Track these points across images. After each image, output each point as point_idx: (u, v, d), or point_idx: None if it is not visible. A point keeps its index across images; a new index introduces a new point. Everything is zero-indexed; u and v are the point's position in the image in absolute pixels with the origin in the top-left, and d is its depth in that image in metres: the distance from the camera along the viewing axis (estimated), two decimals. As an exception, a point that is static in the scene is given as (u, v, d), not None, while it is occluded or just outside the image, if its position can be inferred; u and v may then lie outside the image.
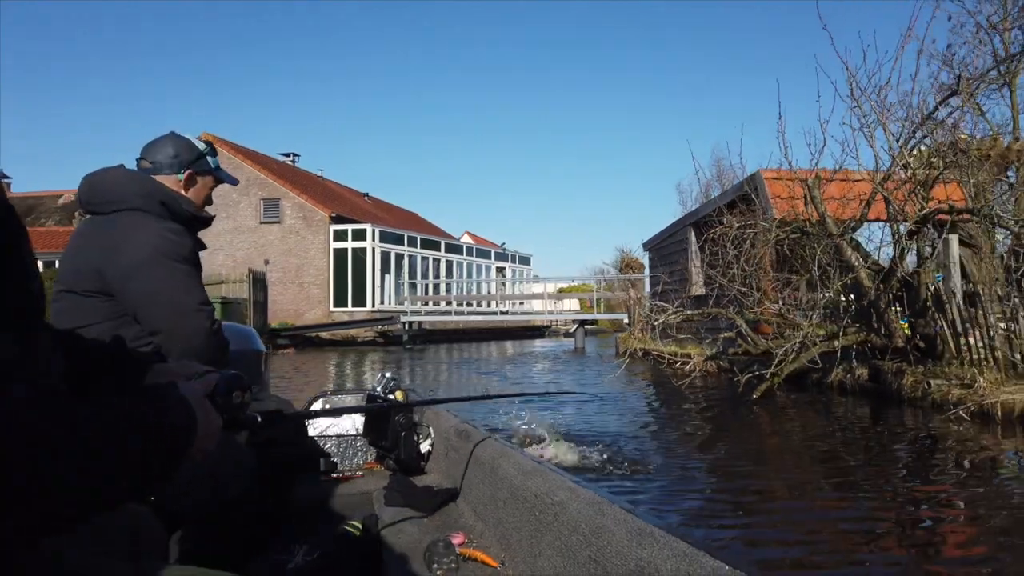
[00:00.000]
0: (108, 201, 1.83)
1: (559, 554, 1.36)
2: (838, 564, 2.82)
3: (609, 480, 4.05)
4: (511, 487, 1.69)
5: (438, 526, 1.90)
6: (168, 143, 1.97)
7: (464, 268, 32.13)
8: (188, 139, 2.02)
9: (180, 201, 1.91)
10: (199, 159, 1.99)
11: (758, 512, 3.62)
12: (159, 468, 0.73)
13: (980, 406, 5.86)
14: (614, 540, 1.18)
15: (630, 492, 3.79)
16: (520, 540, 1.58)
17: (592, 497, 1.37)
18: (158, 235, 1.78)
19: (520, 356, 18.63)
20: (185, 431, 0.78)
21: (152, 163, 1.94)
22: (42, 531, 0.62)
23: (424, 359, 17.24)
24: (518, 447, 2.15)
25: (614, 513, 1.26)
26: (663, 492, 3.87)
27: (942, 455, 4.96)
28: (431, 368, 14.84)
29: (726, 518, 3.47)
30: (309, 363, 16.06)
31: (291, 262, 25.65)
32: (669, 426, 6.60)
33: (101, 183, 1.85)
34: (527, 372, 13.32)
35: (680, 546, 1.06)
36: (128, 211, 1.81)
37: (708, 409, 7.50)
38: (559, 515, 1.40)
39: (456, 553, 1.60)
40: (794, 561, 2.87)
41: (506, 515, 1.69)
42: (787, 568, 2.79)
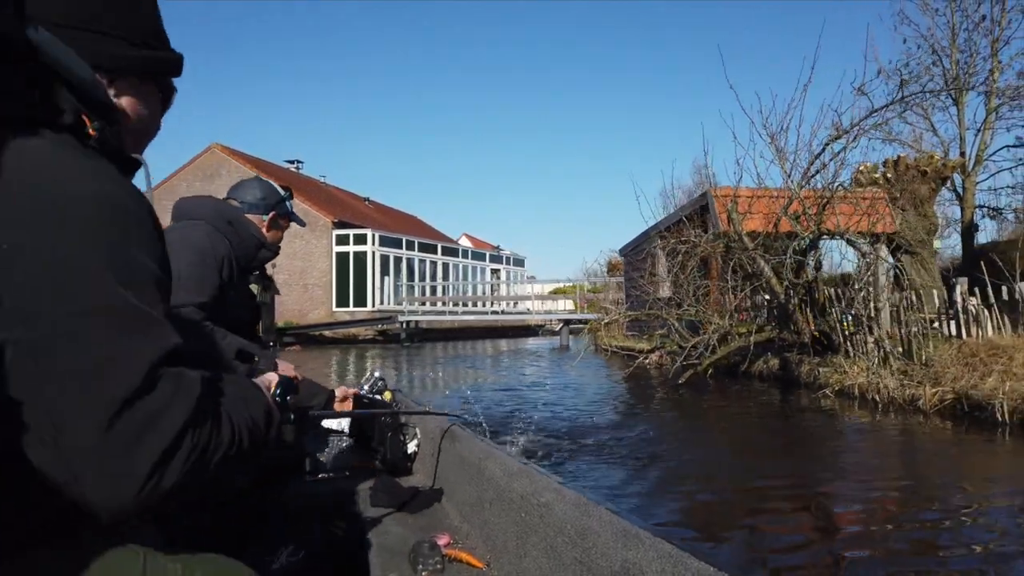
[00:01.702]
0: (184, 215, 2.03)
1: (545, 555, 1.36)
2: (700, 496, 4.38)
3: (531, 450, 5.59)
4: (497, 488, 1.69)
5: (423, 527, 1.87)
6: (256, 186, 2.16)
7: (460, 270, 33.72)
8: (271, 183, 2.21)
9: (249, 226, 2.07)
10: (280, 203, 2.16)
11: (652, 470, 5.02)
12: (256, 452, 0.82)
13: (844, 387, 7.44)
14: (600, 541, 1.18)
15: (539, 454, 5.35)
16: (506, 541, 1.57)
17: (578, 499, 1.38)
18: (204, 233, 1.94)
19: (509, 353, 20.18)
20: (262, 432, 0.85)
21: (241, 203, 2.10)
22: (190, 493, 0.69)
23: (421, 356, 18.75)
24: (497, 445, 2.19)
25: (600, 515, 1.27)
26: (572, 456, 5.40)
27: (807, 421, 6.56)
28: (428, 362, 16.38)
29: (623, 475, 4.73)
30: (313, 360, 17.57)
31: (296, 265, 27.25)
32: (599, 406, 8.16)
33: (187, 203, 2.07)
34: (509, 365, 14.88)
35: (665, 547, 1.07)
36: (194, 220, 2.00)
37: (642, 391, 9.08)
38: (545, 516, 1.40)
39: (441, 554, 1.58)
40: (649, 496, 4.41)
41: (492, 516, 1.69)
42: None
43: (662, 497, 3.98)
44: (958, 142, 18.58)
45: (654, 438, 5.69)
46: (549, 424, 6.23)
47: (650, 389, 9.42)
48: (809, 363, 8.65)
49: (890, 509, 3.68)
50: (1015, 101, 18.04)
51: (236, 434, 0.75)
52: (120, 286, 0.67)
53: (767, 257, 9.02)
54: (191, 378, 0.69)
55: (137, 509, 0.64)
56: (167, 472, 0.65)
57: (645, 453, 5.03)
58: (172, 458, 0.65)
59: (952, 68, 18.64)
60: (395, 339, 24.47)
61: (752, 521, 3.51)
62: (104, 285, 0.66)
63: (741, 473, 4.56)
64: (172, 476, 0.65)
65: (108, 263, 0.67)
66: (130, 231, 0.71)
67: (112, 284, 0.66)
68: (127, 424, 0.62)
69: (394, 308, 26.72)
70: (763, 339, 9.56)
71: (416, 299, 27.98)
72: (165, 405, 0.65)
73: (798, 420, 6.72)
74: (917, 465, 4.90)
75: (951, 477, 4.43)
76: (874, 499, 3.86)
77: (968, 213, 18.56)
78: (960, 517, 3.49)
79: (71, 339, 0.63)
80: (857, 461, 5.04)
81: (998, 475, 4.55)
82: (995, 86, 18.01)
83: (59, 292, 0.64)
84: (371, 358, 17.82)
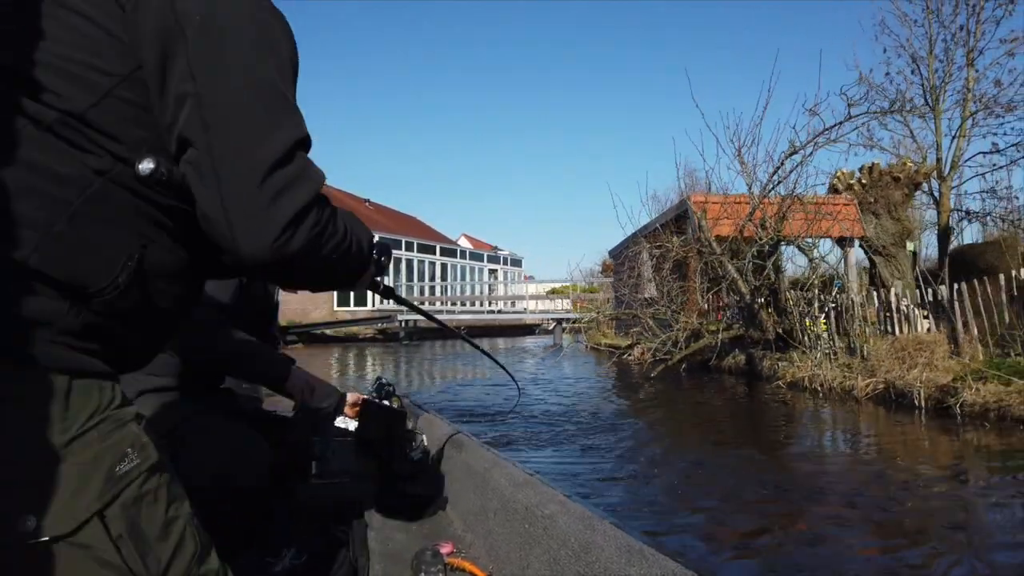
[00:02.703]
0: None
1: (547, 568, 1.35)
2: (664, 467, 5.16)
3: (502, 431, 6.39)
4: (502, 498, 1.68)
5: (427, 534, 1.86)
6: None
7: (458, 270, 34.52)
8: None
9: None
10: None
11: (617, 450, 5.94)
12: (359, 273, 0.99)
13: (795, 379, 8.23)
14: (603, 556, 1.18)
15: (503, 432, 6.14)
16: (509, 552, 1.56)
17: (583, 512, 1.38)
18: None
19: (502, 351, 20.95)
20: (365, 259, 0.98)
21: None
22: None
23: (419, 353, 19.55)
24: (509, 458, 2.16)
25: (604, 529, 1.27)
26: (541, 435, 6.22)
27: (759, 408, 7.35)
28: (426, 357, 17.17)
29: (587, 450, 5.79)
30: (315, 357, 18.34)
31: (298, 265, 28.04)
32: (575, 398, 8.96)
33: None
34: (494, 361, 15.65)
35: (670, 565, 1.07)
36: None
37: (618, 383, 9.86)
38: (549, 528, 1.40)
39: (444, 563, 1.58)
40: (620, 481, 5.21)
41: (496, 526, 1.68)
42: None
43: (615, 478, 4.74)
44: (935, 148, 19.34)
45: (617, 425, 6.48)
46: (527, 410, 7.03)
47: (626, 382, 10.21)
48: (771, 358, 9.43)
49: (823, 480, 4.47)
50: (989, 109, 18.80)
51: (347, 236, 0.88)
52: (275, 70, 0.80)
53: (733, 261, 9.77)
54: (317, 169, 0.82)
55: (270, 258, 0.76)
56: (298, 232, 0.77)
57: (605, 440, 5.82)
58: (303, 221, 0.77)
59: (930, 77, 19.39)
60: (394, 337, 25.27)
61: (691, 495, 4.29)
62: (268, 66, 0.79)
63: (683, 456, 5.35)
64: (301, 237, 0.77)
65: (270, 50, 0.81)
66: (275, 23, 0.84)
67: (272, 67, 0.80)
68: (272, 184, 0.74)
69: (393, 308, 27.52)
70: (732, 337, 10.34)
71: (415, 299, 28.77)
72: (298, 178, 0.77)
73: (752, 407, 7.50)
74: (847, 443, 5.69)
75: (875, 452, 5.22)
76: (811, 473, 4.65)
77: (944, 216, 19.32)
78: (878, 485, 4.27)
79: (237, 105, 0.76)
80: (801, 441, 5.83)
81: (917, 450, 5.33)
82: (970, 95, 18.76)
83: (236, 61, 0.77)
84: (371, 355, 18.59)
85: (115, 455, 0.71)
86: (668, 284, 10.48)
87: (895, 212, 17.53)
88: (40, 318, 0.69)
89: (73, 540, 0.66)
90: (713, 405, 7.91)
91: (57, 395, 0.68)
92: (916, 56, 19.39)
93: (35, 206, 0.69)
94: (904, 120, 19.79)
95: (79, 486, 0.67)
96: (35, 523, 0.64)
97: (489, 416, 6.54)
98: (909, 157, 18.63)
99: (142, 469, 0.73)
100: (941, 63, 19.06)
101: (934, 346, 6.70)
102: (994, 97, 18.74)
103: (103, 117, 0.73)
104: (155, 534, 0.73)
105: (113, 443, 0.71)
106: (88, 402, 0.71)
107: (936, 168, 18.09)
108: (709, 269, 10.59)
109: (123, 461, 0.71)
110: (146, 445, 0.75)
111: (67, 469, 0.67)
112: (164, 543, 0.73)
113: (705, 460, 4.85)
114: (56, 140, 0.71)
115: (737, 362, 10.34)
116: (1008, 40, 17.96)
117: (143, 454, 0.74)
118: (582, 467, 4.68)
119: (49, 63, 0.72)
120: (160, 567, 0.72)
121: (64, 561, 0.66)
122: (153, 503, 0.73)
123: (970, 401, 5.84)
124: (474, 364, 15.49)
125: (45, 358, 0.69)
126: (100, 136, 0.73)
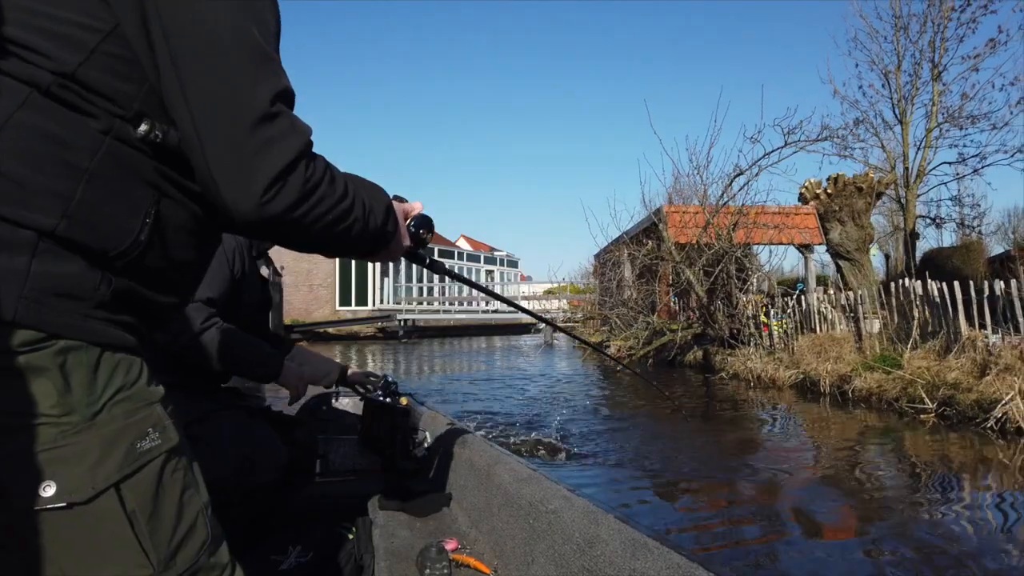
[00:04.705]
0: None
1: (552, 563, 1.35)
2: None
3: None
4: (506, 494, 1.70)
5: (431, 531, 1.86)
6: None
7: (456, 271, 35.68)
8: None
9: None
10: None
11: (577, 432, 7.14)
12: (372, 239, 0.96)
13: (735, 371, 9.45)
14: (608, 550, 1.19)
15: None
16: (514, 547, 1.57)
17: (587, 506, 1.39)
18: None
19: (494, 348, 22.07)
20: (390, 232, 0.99)
21: None
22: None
23: (417, 351, 20.58)
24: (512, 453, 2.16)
25: (609, 523, 1.27)
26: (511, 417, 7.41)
27: (703, 395, 8.57)
28: (425, 355, 18.35)
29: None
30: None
31: (302, 267, 29.29)
32: (554, 384, 10.17)
33: None
34: (486, 359, 16.89)
35: (675, 558, 1.07)
36: None
37: (591, 376, 11.08)
38: (553, 523, 1.40)
39: (449, 559, 1.57)
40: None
41: (500, 522, 1.69)
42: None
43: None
44: (902, 158, 20.54)
45: (579, 407, 7.69)
46: (510, 400, 8.24)
47: (598, 375, 11.44)
48: (722, 354, 10.64)
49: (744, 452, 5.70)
50: (954, 120, 19.97)
51: (349, 196, 0.86)
52: (254, 23, 0.77)
53: (692, 267, 10.97)
54: (302, 123, 0.79)
55: (258, 216, 0.75)
56: (286, 188, 0.75)
57: (564, 420, 7.03)
58: (290, 175, 0.76)
59: (898, 90, 20.60)
60: (394, 336, 26.31)
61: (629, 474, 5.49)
62: (246, 18, 0.76)
63: (625, 432, 6.57)
64: (290, 194, 0.76)
65: (248, 3, 0.77)
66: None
67: (250, 20, 0.77)
68: (255, 139, 0.73)
69: (393, 307, 28.73)
70: (694, 334, 11.55)
71: (414, 299, 30.04)
72: (283, 132, 0.75)
73: (703, 394, 8.69)
74: (765, 420, 6.92)
75: (785, 427, 6.44)
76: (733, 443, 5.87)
77: (910, 222, 20.50)
78: (793, 455, 5.49)
79: (214, 59, 0.73)
80: (724, 419, 7.05)
81: (818, 427, 6.55)
82: (935, 108, 19.94)
83: (212, 15, 0.74)
84: (371, 353, 19.71)
85: (137, 432, 0.73)
86: (633, 288, 11.68)
87: (859, 219, 18.76)
88: (72, 290, 0.70)
89: (88, 509, 0.68)
90: (670, 390, 9.11)
91: (87, 368, 0.70)
92: (886, 70, 20.64)
93: (54, 174, 0.69)
94: (875, 130, 21.04)
95: (100, 457, 0.69)
96: (54, 489, 0.67)
97: (489, 412, 7.57)
98: (874, 166, 19.86)
99: (162, 450, 0.75)
100: (910, 77, 20.32)
101: (843, 343, 7.91)
102: (959, 108, 19.98)
103: (93, 75, 0.72)
104: (168, 515, 0.74)
105: (137, 420, 0.73)
106: (115, 378, 0.73)
107: (895, 178, 19.28)
108: (674, 273, 11.80)
109: (144, 439, 0.73)
110: (168, 427, 0.77)
111: (90, 440, 0.69)
112: (176, 526, 0.75)
113: (640, 435, 6.07)
114: (58, 105, 0.70)
115: (696, 357, 11.56)
116: (971, 56, 19.19)
117: (164, 435, 0.76)
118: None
119: (30, 23, 0.70)
120: (169, 549, 0.73)
121: (77, 528, 0.69)
122: (169, 485, 0.75)
123: (859, 387, 7.06)
124: (461, 359, 16.66)
125: (77, 330, 0.70)
126: (94, 96, 0.72)
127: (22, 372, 0.67)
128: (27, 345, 0.67)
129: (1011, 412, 5.12)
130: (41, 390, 0.67)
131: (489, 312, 31.30)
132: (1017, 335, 6.36)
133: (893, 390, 6.61)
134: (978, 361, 6.06)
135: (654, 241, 12.17)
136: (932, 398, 6.06)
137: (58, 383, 0.68)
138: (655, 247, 11.88)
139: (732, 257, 10.75)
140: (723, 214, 11.21)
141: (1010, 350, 5.77)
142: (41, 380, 0.68)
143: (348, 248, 0.96)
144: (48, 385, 0.68)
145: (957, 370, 6.13)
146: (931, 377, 6.27)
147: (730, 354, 10.40)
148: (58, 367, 0.68)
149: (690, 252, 11.36)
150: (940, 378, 6.18)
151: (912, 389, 6.34)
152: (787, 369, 8.40)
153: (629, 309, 11.42)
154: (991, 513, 3.62)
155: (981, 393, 5.57)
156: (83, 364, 0.70)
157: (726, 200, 10.83)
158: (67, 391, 0.69)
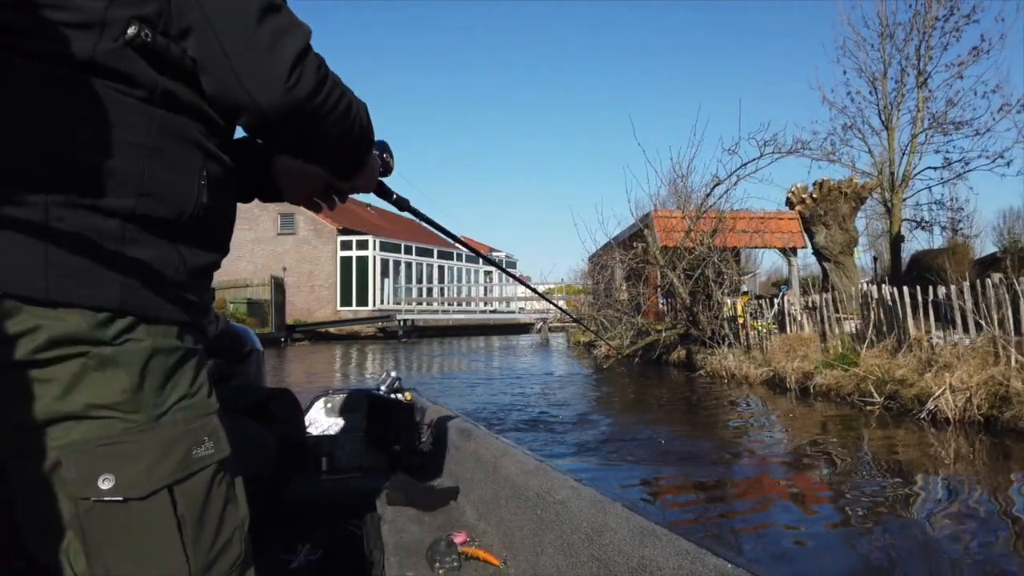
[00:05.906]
0: None
1: (561, 553, 1.37)
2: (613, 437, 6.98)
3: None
4: (513, 485, 1.70)
5: (440, 525, 1.87)
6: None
7: (455, 272, 36.40)
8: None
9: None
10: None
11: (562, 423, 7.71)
12: (351, 160, 0.97)
13: (711, 369, 10.05)
14: (616, 538, 1.20)
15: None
16: (522, 539, 1.58)
17: (594, 496, 1.39)
18: None
19: (491, 348, 22.65)
20: (370, 139, 0.98)
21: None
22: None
23: (416, 350, 21.12)
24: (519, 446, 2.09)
25: (616, 511, 1.28)
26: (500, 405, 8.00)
27: (684, 390, 9.17)
28: (424, 354, 18.91)
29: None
30: (319, 353, 19.91)
31: (304, 268, 29.88)
32: (538, 381, 10.76)
33: None
34: (484, 357, 17.47)
35: (683, 544, 1.08)
36: None
37: (582, 373, 11.67)
38: (561, 514, 1.41)
39: (458, 552, 1.58)
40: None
41: (508, 514, 1.70)
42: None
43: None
44: (888, 163, 21.10)
45: (568, 401, 8.29)
46: (503, 397, 8.84)
47: (588, 372, 12.04)
48: (703, 353, 11.24)
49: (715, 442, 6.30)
50: (939, 125, 20.53)
51: (349, 95, 0.87)
52: None
53: (675, 271, 11.56)
54: (302, 21, 0.81)
55: (286, 102, 0.76)
56: (305, 72, 0.77)
57: (558, 412, 7.62)
58: (305, 60, 0.77)
59: (885, 96, 21.16)
60: (394, 335, 26.82)
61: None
62: None
63: (608, 423, 7.17)
64: (310, 77, 0.78)
65: None
66: None
67: None
68: (266, 29, 0.75)
69: (393, 307, 29.31)
70: (678, 334, 12.14)
71: (413, 299, 30.64)
72: (290, 23, 0.78)
73: (680, 390, 9.31)
74: (734, 415, 7.52)
75: (758, 418, 7.03)
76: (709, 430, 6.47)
77: (895, 225, 21.07)
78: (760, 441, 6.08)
79: None
80: (695, 412, 7.65)
81: (787, 417, 7.14)
82: (920, 114, 20.50)
83: None
84: (372, 352, 20.29)
85: (194, 439, 0.76)
86: (620, 291, 12.27)
87: (843, 223, 19.35)
88: (158, 275, 0.74)
89: (142, 505, 0.70)
90: (643, 387, 9.71)
91: (162, 371, 0.74)
92: (873, 77, 21.20)
93: (121, 157, 0.71)
94: (862, 136, 21.62)
95: (159, 458, 0.72)
96: (113, 482, 0.69)
97: (490, 407, 8.13)
98: (861, 171, 20.44)
99: (214, 459, 0.77)
100: (896, 84, 20.88)
101: (809, 342, 8.51)
102: (944, 114, 20.54)
103: (112, 46, 0.72)
104: (211, 526, 0.76)
105: (195, 428, 0.76)
106: (181, 384, 0.76)
107: (879, 182, 19.83)
108: (661, 276, 12.40)
109: (200, 446, 0.76)
110: (221, 439, 0.79)
111: (152, 439, 0.71)
112: (215, 538, 0.76)
113: (620, 425, 6.67)
114: (101, 84, 0.71)
115: (680, 356, 12.15)
116: (955, 64, 19.77)
117: (218, 446, 0.78)
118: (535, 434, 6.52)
119: (40, 2, 0.70)
120: (208, 559, 0.75)
121: (129, 523, 0.70)
122: (216, 495, 0.77)
123: (820, 383, 7.66)
124: (458, 357, 17.23)
125: (168, 313, 0.75)
126: (123, 64, 0.73)
127: (107, 364, 0.70)
128: (121, 334, 0.71)
129: (940, 405, 5.71)
130: (118, 385, 0.70)
131: (487, 312, 31.89)
132: (960, 336, 6.95)
133: (848, 385, 7.21)
134: (923, 359, 6.65)
135: (642, 245, 12.76)
136: (880, 392, 6.66)
137: (135, 380, 0.71)
138: (643, 251, 12.46)
139: (710, 262, 11.32)
140: (704, 219, 11.79)
141: (949, 349, 6.36)
142: (120, 375, 0.71)
143: (351, 149, 0.95)
144: (125, 381, 0.71)
145: (904, 367, 6.72)
146: (881, 374, 6.86)
147: (710, 353, 10.99)
148: (141, 365, 0.72)
149: (673, 256, 11.94)
150: (889, 375, 6.77)
151: (864, 385, 6.93)
152: (759, 367, 9.00)
153: (616, 310, 12.02)
154: (914, 489, 4.24)
155: (921, 388, 6.17)
156: (160, 367, 0.74)
157: (706, 208, 11.40)
158: (140, 390, 0.72)
